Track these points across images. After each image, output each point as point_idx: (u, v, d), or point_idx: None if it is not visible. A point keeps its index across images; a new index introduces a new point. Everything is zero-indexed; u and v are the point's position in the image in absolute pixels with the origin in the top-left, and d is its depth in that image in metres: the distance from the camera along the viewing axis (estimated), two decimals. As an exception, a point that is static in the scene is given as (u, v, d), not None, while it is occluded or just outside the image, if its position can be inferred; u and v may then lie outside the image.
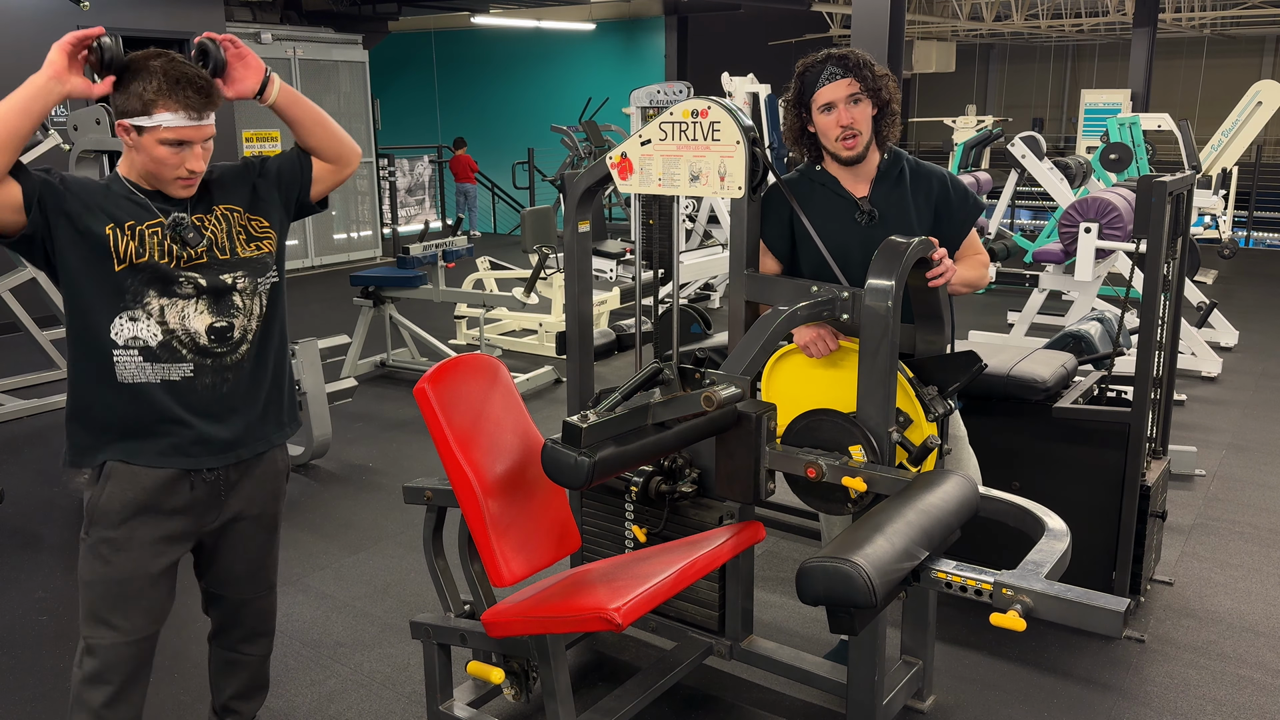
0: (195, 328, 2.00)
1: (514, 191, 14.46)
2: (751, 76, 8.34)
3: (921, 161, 2.62)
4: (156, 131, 1.90)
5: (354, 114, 10.78)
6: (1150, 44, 12.47)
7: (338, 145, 2.19)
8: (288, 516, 4.11)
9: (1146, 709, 2.73)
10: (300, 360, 4.50)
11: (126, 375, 1.97)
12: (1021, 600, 1.64)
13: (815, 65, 2.48)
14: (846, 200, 2.54)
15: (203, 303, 2.01)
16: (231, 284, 2.03)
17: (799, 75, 2.52)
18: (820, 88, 2.45)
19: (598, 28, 15.71)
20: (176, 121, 1.90)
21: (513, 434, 2.40)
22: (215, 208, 2.08)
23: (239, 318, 2.05)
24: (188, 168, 1.96)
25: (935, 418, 2.32)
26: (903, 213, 2.53)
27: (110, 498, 2.00)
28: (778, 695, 2.77)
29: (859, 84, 2.44)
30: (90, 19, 7.87)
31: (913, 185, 2.56)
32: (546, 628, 2.14)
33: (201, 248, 2.01)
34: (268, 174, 2.17)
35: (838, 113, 2.45)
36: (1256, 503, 4.15)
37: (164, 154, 1.92)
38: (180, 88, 1.89)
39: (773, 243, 2.60)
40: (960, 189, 2.61)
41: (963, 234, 2.59)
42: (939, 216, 2.58)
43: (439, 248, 6.24)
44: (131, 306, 1.95)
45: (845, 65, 2.44)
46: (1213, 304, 6.49)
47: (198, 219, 2.03)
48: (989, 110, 21.49)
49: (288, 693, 2.85)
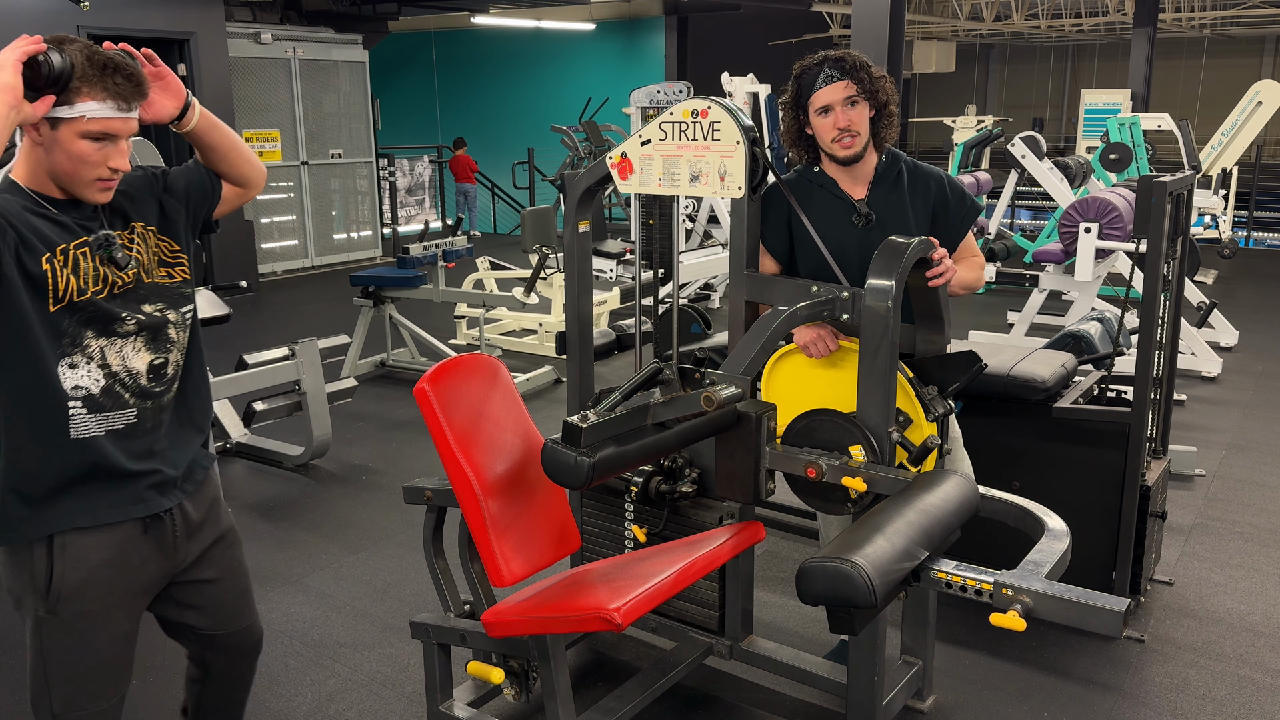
0: (137, 367, 1.80)
1: (514, 191, 14.46)
2: (751, 76, 8.34)
3: (919, 163, 2.62)
4: (78, 123, 1.64)
5: (354, 114, 10.78)
6: (1150, 44, 12.48)
7: (251, 170, 2.01)
8: (287, 516, 4.13)
9: (1146, 709, 2.73)
10: (300, 360, 4.50)
11: (78, 430, 1.74)
12: (1021, 600, 1.64)
13: (812, 67, 2.48)
14: (844, 202, 2.54)
15: (141, 339, 1.80)
16: (163, 316, 1.83)
17: (796, 78, 2.52)
18: (817, 90, 2.45)
19: (598, 28, 15.71)
20: (103, 112, 1.65)
21: (513, 434, 2.40)
22: (134, 224, 1.83)
23: (173, 352, 1.86)
24: (110, 166, 1.70)
25: (935, 417, 2.32)
26: (900, 214, 2.53)
27: (73, 569, 1.77)
28: (778, 695, 2.77)
29: (856, 86, 2.43)
30: (90, 19, 7.88)
31: (910, 187, 2.56)
32: (546, 628, 2.14)
33: (131, 271, 1.78)
34: (174, 190, 1.92)
35: (835, 115, 2.44)
36: (1256, 503, 4.15)
37: (85, 150, 1.66)
38: (108, 74, 1.65)
39: (772, 245, 2.60)
40: (958, 191, 2.60)
41: (960, 236, 2.59)
42: (936, 218, 2.58)
43: (439, 248, 6.25)
44: (70, 352, 1.72)
45: (842, 67, 2.43)
46: (1213, 304, 6.49)
47: (120, 236, 1.79)
48: (989, 110, 21.49)
49: (288, 693, 2.85)
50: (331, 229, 10.77)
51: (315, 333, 5.21)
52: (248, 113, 9.67)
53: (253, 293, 9.16)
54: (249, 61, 9.67)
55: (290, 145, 10.16)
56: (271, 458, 4.76)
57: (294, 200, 10.33)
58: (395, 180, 11.62)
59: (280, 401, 4.68)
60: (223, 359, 5.55)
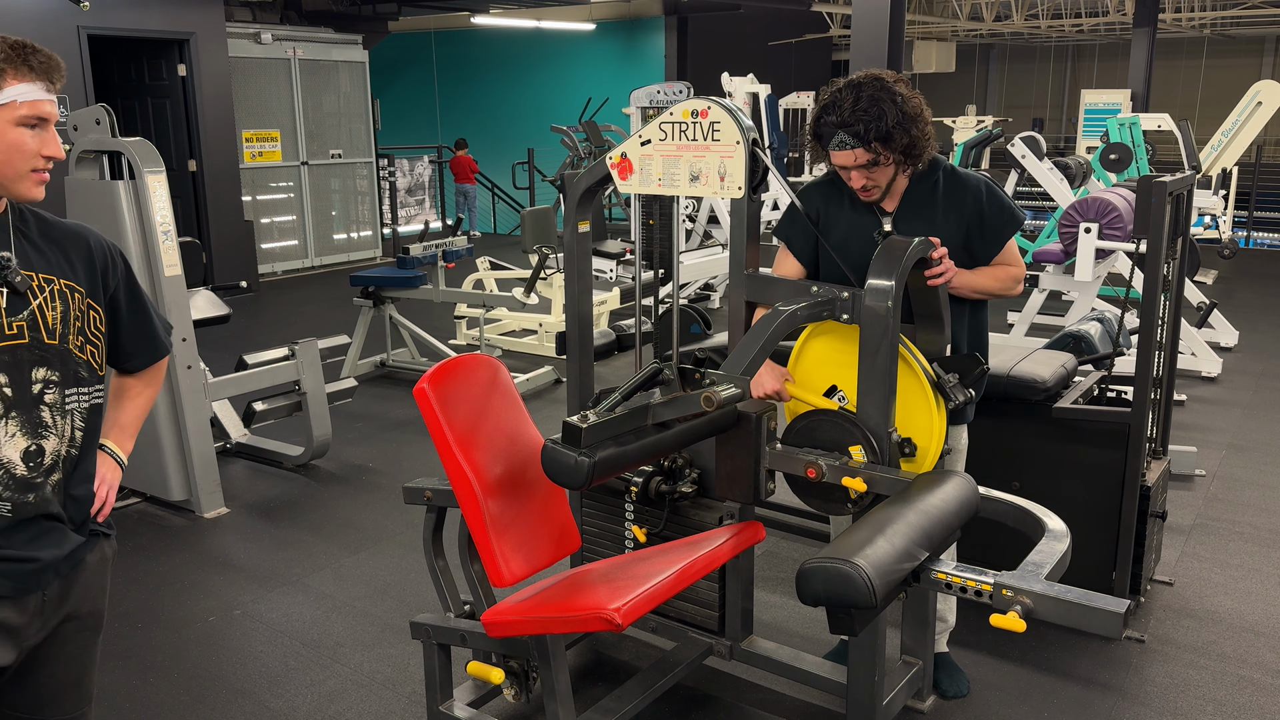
0: (9, 456, 1.54)
1: (514, 191, 14.46)
2: (751, 76, 8.35)
3: (960, 171, 2.53)
4: (10, 110, 1.50)
5: (354, 114, 10.78)
6: (1150, 44, 12.47)
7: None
8: (287, 516, 4.13)
9: (1146, 709, 2.73)
10: (300, 360, 4.50)
11: None
12: (1021, 601, 1.65)
13: (827, 127, 2.36)
14: (872, 213, 2.50)
15: (14, 421, 1.53)
16: (40, 391, 1.56)
17: (812, 126, 2.42)
18: (832, 150, 2.38)
19: (598, 28, 15.70)
20: (34, 94, 1.52)
21: (513, 434, 2.40)
22: (53, 280, 1.59)
23: (49, 439, 1.59)
24: (45, 154, 1.55)
25: (955, 405, 2.30)
26: (928, 223, 2.46)
27: None
28: (778, 695, 2.77)
29: (869, 155, 2.33)
30: (90, 19, 7.88)
31: (946, 198, 2.48)
32: (546, 628, 2.14)
33: (19, 322, 1.52)
34: (114, 291, 1.71)
35: (851, 175, 2.40)
36: (1256, 503, 4.15)
37: (21, 138, 1.52)
38: (30, 53, 1.52)
39: (799, 250, 2.59)
40: (997, 202, 2.50)
41: (996, 249, 2.51)
42: (971, 231, 2.49)
43: (439, 248, 6.24)
44: None
45: (856, 136, 2.31)
46: (1213, 304, 6.49)
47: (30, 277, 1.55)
48: (989, 110, 21.48)
49: (288, 693, 2.85)
50: (331, 229, 10.77)
51: (315, 333, 5.21)
52: (248, 113, 9.66)
53: (253, 293, 9.16)
54: (249, 61, 9.67)
55: (290, 145, 10.16)
56: (271, 458, 4.76)
57: (294, 200, 10.33)
58: (395, 180, 11.61)
59: (280, 401, 4.68)
60: (223, 359, 5.55)
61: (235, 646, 3.11)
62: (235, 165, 9.31)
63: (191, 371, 4.03)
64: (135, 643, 3.13)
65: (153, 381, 1.88)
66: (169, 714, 2.75)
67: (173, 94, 8.98)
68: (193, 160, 9.02)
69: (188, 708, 2.78)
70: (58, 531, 1.64)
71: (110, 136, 3.95)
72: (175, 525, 4.04)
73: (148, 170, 3.88)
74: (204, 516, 4.10)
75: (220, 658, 3.04)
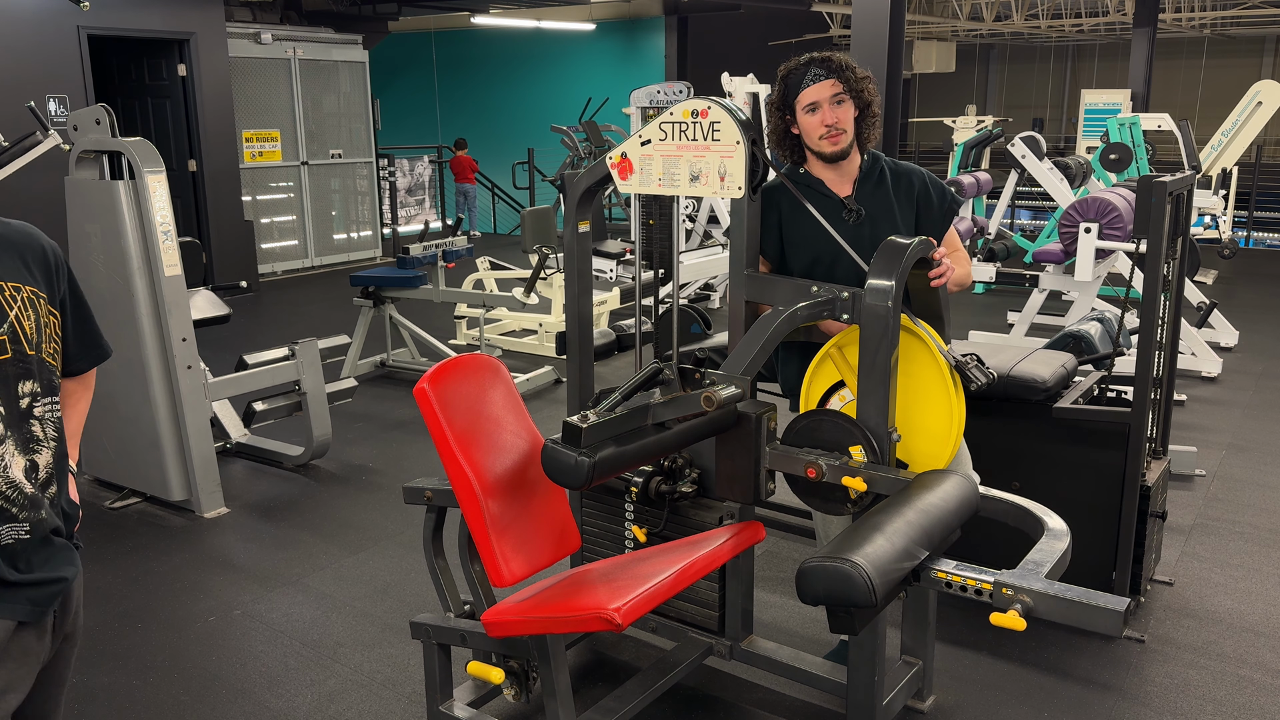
0: (15, 475, 1.48)
1: (514, 191, 14.46)
2: (751, 76, 8.35)
3: (899, 161, 2.71)
4: None
5: (354, 114, 10.78)
6: (1150, 44, 12.47)
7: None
8: (287, 516, 4.13)
9: (1146, 709, 2.73)
10: (300, 360, 4.50)
11: None
12: (1021, 600, 1.65)
13: (799, 68, 2.54)
14: (832, 200, 2.58)
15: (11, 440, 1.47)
16: (29, 406, 1.51)
17: (782, 79, 2.58)
18: (804, 88, 2.52)
19: (598, 28, 15.71)
20: None
21: (513, 434, 2.40)
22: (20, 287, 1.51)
23: (41, 452, 1.53)
24: None
25: (977, 386, 2.29)
26: (887, 211, 2.59)
27: None
28: (778, 695, 2.77)
29: (842, 85, 2.50)
30: (90, 19, 7.88)
31: (894, 184, 2.63)
32: (546, 628, 2.14)
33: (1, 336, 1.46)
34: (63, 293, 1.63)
35: (822, 112, 2.51)
36: (1256, 503, 4.15)
37: None
38: None
39: (764, 248, 2.62)
40: (938, 185, 2.67)
41: (942, 229, 2.66)
42: (920, 214, 2.64)
43: (439, 248, 6.25)
44: None
45: (828, 67, 2.50)
46: (1213, 304, 6.49)
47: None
48: (989, 110, 21.48)
49: (288, 693, 2.85)
50: (331, 229, 10.77)
51: (315, 333, 5.21)
52: (248, 113, 9.66)
53: (253, 293, 9.16)
54: (249, 61, 9.67)
55: (290, 145, 10.16)
56: (271, 458, 4.76)
57: (294, 200, 10.33)
58: (395, 180, 11.61)
59: (280, 401, 4.68)
60: (223, 359, 5.55)
61: (235, 646, 3.11)
62: (235, 165, 9.31)
63: (191, 371, 4.03)
64: (135, 643, 3.13)
65: (90, 384, 1.82)
66: (169, 714, 2.75)
67: (173, 94, 8.98)
68: (193, 160, 9.02)
69: (188, 708, 2.78)
70: (66, 548, 1.62)
71: (110, 136, 3.95)
72: (175, 525, 4.04)
73: (148, 170, 3.88)
74: (204, 516, 4.10)
75: (220, 658, 3.04)
